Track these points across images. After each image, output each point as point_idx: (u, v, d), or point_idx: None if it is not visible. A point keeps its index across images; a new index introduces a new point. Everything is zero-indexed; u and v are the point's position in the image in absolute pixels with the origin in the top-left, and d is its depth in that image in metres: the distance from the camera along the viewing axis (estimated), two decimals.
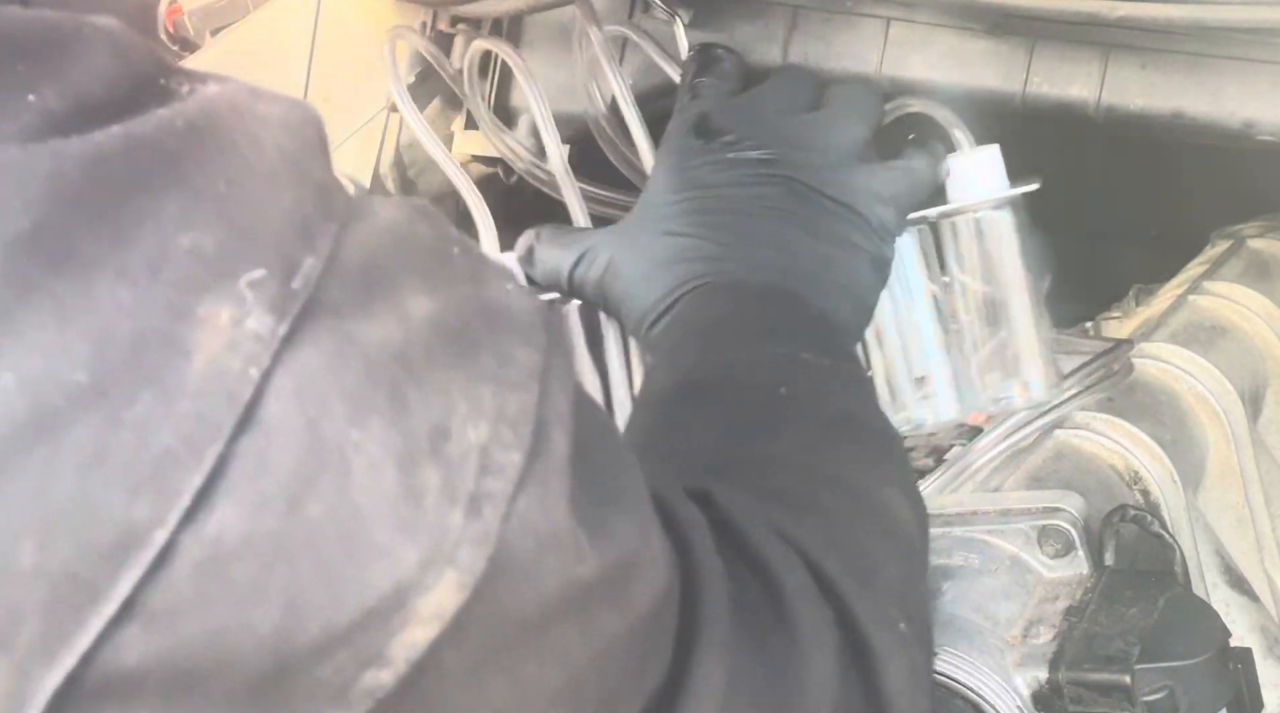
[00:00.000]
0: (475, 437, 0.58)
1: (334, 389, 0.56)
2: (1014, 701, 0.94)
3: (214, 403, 0.54)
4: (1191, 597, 1.01)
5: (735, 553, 0.75)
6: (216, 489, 0.54)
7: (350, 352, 0.56)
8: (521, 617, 0.60)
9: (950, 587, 1.00)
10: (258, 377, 0.54)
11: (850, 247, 1.00)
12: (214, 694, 0.56)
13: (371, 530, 0.56)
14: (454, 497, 0.57)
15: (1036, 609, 0.98)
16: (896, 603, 0.80)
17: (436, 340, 0.59)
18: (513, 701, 0.62)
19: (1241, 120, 1.17)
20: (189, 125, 0.57)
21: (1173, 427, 1.17)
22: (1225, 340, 1.27)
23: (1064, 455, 1.12)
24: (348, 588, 0.56)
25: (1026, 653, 0.95)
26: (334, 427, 0.55)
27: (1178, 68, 1.18)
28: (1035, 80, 1.21)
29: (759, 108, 1.05)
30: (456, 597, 0.58)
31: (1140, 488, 1.11)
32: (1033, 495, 1.05)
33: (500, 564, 0.58)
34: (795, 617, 0.75)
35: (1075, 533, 1.01)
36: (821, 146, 1.02)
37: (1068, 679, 0.93)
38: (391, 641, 0.57)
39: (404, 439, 0.57)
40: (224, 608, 0.55)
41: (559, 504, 0.60)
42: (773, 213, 1.00)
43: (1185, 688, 0.92)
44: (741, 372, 0.91)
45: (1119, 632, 0.94)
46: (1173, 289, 1.36)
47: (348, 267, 0.58)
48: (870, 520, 0.83)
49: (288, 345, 0.55)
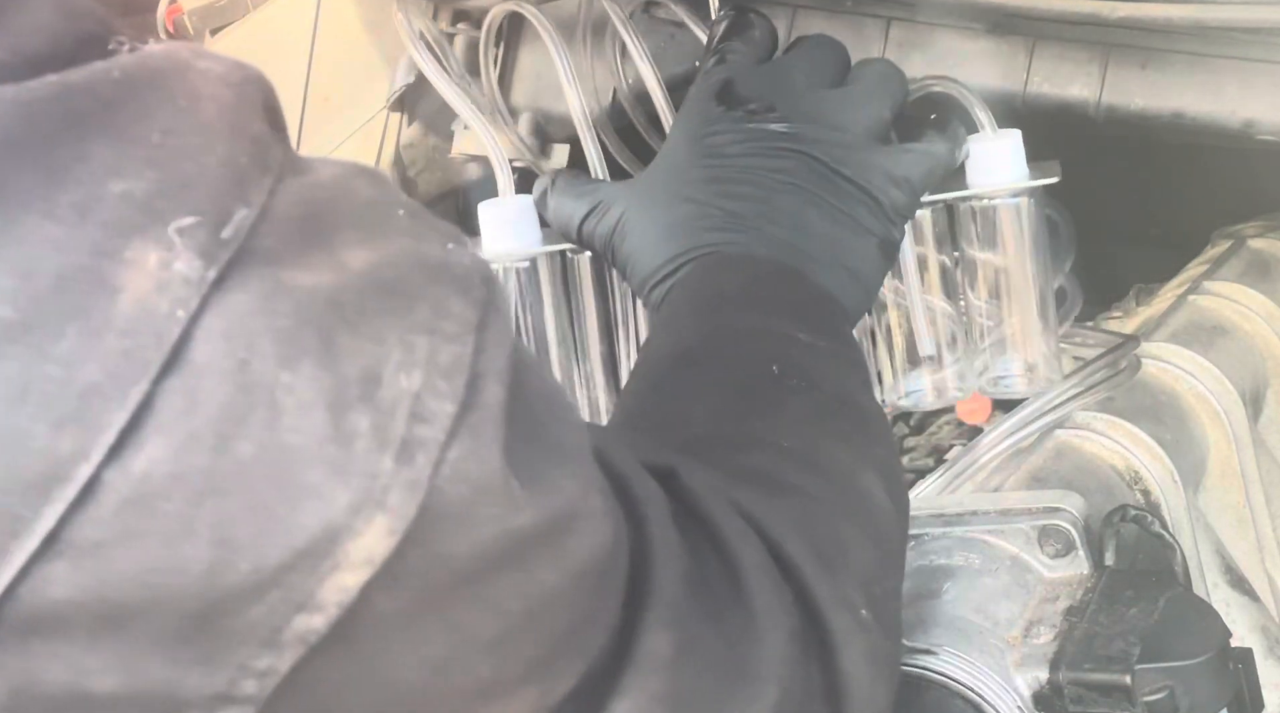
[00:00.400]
0: (408, 384, 0.59)
1: (264, 332, 0.57)
2: (1014, 701, 0.94)
3: (140, 341, 0.55)
4: (1192, 597, 1.01)
5: (696, 529, 0.76)
6: (145, 427, 0.55)
7: (281, 296, 0.57)
8: (457, 566, 0.61)
9: (950, 587, 1.00)
10: (185, 318, 0.56)
11: (861, 228, 1.00)
12: (143, 633, 0.56)
13: (302, 471, 0.57)
14: (385, 441, 0.58)
15: (1037, 609, 0.98)
16: (860, 588, 0.80)
17: (371, 289, 0.59)
18: (449, 649, 0.63)
19: (1241, 120, 1.17)
20: (125, 76, 0.58)
21: (1173, 427, 1.17)
22: (1226, 340, 1.27)
23: (1064, 455, 1.12)
24: (278, 527, 0.57)
25: (1027, 653, 0.95)
26: (264, 368, 0.56)
27: (1178, 68, 1.18)
28: (1035, 80, 1.21)
29: (784, 78, 1.04)
30: (387, 542, 0.58)
31: (1140, 488, 1.11)
32: (1033, 495, 1.05)
33: (432, 512, 0.59)
34: (752, 594, 0.75)
35: (1075, 533, 1.01)
36: (843, 124, 1.02)
37: (1068, 680, 0.93)
38: (323, 584, 0.58)
39: (335, 382, 0.57)
40: (152, 544, 0.55)
41: (493, 454, 0.61)
42: (788, 188, 1.00)
43: (1185, 688, 0.92)
44: (735, 346, 0.92)
45: (1119, 632, 0.94)
46: (1173, 289, 1.36)
47: (282, 218, 0.59)
48: (843, 505, 0.83)
49: (217, 289, 0.56)
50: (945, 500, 1.07)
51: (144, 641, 0.57)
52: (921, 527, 1.04)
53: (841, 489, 0.84)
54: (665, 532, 0.73)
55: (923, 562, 1.03)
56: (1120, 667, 0.92)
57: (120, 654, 0.57)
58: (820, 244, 0.99)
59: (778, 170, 1.00)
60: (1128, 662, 0.92)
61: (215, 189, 0.57)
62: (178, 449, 0.55)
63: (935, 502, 1.07)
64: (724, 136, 1.01)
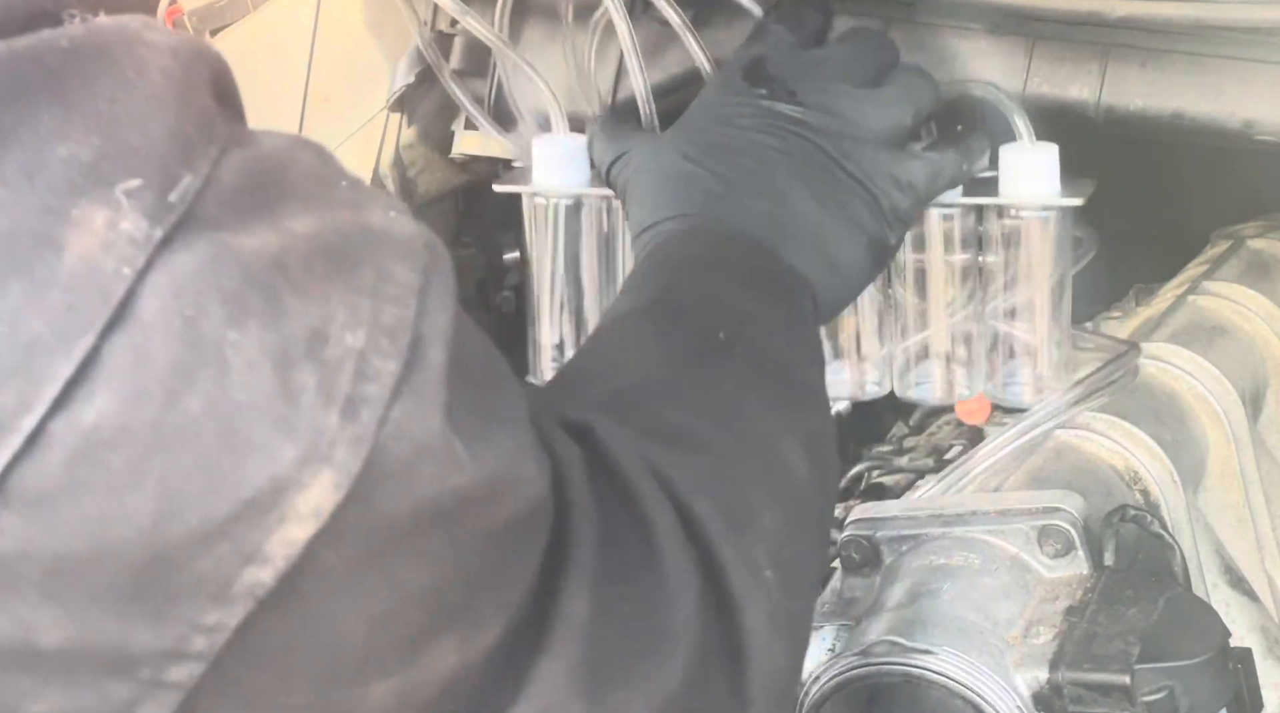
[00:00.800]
0: (352, 342, 0.60)
1: (211, 291, 0.58)
2: (1014, 701, 0.94)
3: (86, 297, 0.56)
4: (1191, 597, 1.01)
5: (609, 488, 0.77)
6: (92, 380, 0.56)
7: (227, 257, 0.59)
8: (398, 522, 0.62)
9: (950, 587, 1.00)
10: (131, 276, 0.57)
11: (852, 224, 1.01)
12: (91, 586, 0.57)
13: (249, 426, 0.58)
14: (330, 398, 0.59)
15: (1036, 609, 0.98)
16: (767, 550, 0.81)
17: (316, 253, 0.61)
18: (388, 603, 0.64)
19: (1241, 120, 1.17)
20: (73, 45, 0.59)
21: (1173, 427, 1.17)
22: (1225, 340, 1.27)
23: (1064, 455, 1.12)
24: (225, 480, 0.58)
25: (1026, 653, 0.95)
26: (211, 325, 0.58)
27: (1178, 68, 1.18)
28: (1035, 80, 1.21)
29: (816, 68, 1.05)
30: (333, 496, 0.59)
31: (1140, 488, 1.11)
32: (1033, 495, 1.05)
33: (377, 467, 0.60)
34: (663, 555, 0.77)
35: (1075, 533, 1.01)
36: (858, 121, 1.03)
37: (1068, 679, 0.93)
38: (270, 538, 0.59)
39: (281, 341, 0.59)
40: (100, 496, 0.56)
41: (435, 414, 0.62)
42: (784, 169, 1.01)
43: (1185, 688, 0.92)
44: (684, 307, 0.93)
45: (1119, 632, 0.94)
46: (1173, 289, 1.36)
47: (227, 187, 0.60)
48: (758, 468, 0.85)
49: (164, 249, 0.58)
50: (945, 501, 1.07)
51: (92, 594, 0.57)
52: (921, 527, 1.04)
53: (757, 452, 0.85)
54: (582, 496, 0.75)
55: (923, 562, 1.03)
56: (1120, 667, 0.92)
57: (68, 607, 0.57)
58: (803, 229, 1.00)
59: (780, 150, 1.01)
60: (1127, 662, 0.92)
61: (161, 155, 0.59)
62: (126, 402, 0.56)
63: (935, 502, 1.07)
64: (738, 109, 1.03)
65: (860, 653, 0.96)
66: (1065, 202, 1.07)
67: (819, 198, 1.00)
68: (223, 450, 0.58)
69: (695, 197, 1.01)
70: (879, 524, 1.05)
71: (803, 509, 0.86)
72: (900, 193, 1.02)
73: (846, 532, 1.06)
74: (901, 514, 1.06)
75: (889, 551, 1.05)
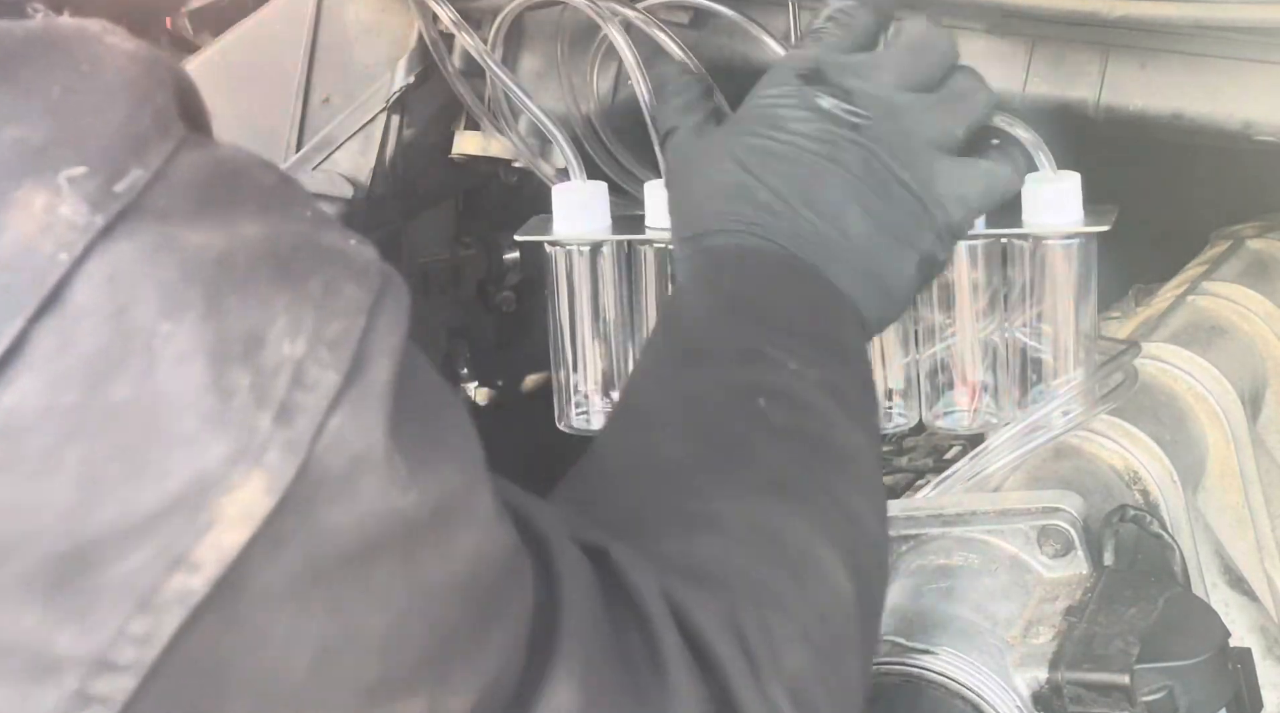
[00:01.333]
0: (290, 351, 0.59)
1: (148, 281, 0.57)
2: (1014, 701, 0.94)
3: (19, 279, 0.56)
4: (1191, 597, 1.01)
5: (622, 607, 0.75)
6: (17, 363, 0.56)
7: (169, 250, 0.58)
8: (340, 540, 0.60)
9: (950, 587, 1.00)
10: (68, 261, 0.56)
11: (904, 240, 0.98)
12: (10, 574, 0.56)
13: (176, 418, 0.57)
14: (264, 400, 0.58)
15: (1036, 609, 0.98)
16: (787, 689, 0.77)
17: (263, 257, 0.60)
18: (334, 637, 0.62)
19: (1241, 120, 1.17)
20: (28, 35, 0.59)
21: (1172, 427, 1.17)
22: (1225, 340, 1.27)
23: (1064, 455, 1.12)
24: (148, 470, 0.57)
25: (1026, 653, 0.95)
26: (144, 315, 0.57)
27: (1178, 68, 1.18)
28: (1035, 80, 1.21)
29: (872, 71, 1.01)
30: (265, 500, 0.58)
31: (1140, 488, 1.11)
32: (1032, 496, 1.05)
33: (313, 477, 0.59)
34: (673, 676, 0.74)
35: (1075, 533, 1.01)
36: (916, 130, 0.99)
37: (1067, 679, 0.93)
38: (199, 541, 0.57)
39: (217, 338, 0.58)
40: (18, 479, 0.56)
41: (376, 427, 0.60)
42: (838, 181, 0.97)
43: (1185, 688, 0.92)
44: (726, 365, 0.90)
45: (1118, 632, 0.94)
46: (1173, 289, 1.36)
47: (180, 182, 0.60)
48: (784, 595, 0.81)
49: (105, 237, 0.57)
50: (945, 500, 1.07)
51: (11, 583, 0.56)
52: (921, 527, 1.04)
53: (790, 575, 0.81)
54: (583, 595, 0.73)
55: (923, 562, 1.03)
56: (1119, 667, 0.92)
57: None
58: (854, 247, 0.96)
59: (834, 159, 0.97)
60: (1127, 662, 0.92)
61: (111, 145, 0.58)
62: (48, 385, 0.56)
63: (935, 502, 1.07)
64: (792, 110, 0.99)
65: None
66: (1089, 229, 1.07)
67: (874, 213, 0.97)
68: (147, 440, 0.57)
69: (745, 211, 0.97)
70: None
71: (840, 633, 0.82)
72: (956, 207, 0.99)
73: None
74: (901, 514, 1.06)
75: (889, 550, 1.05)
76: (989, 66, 1.20)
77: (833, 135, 0.98)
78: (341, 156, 1.40)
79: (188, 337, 0.57)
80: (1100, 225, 1.07)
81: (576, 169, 1.14)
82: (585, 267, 1.14)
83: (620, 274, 1.15)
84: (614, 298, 1.15)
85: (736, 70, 1.23)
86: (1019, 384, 1.11)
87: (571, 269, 1.14)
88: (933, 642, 0.95)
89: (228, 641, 0.59)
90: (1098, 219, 1.07)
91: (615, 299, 1.15)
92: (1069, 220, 1.07)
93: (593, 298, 1.15)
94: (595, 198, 1.14)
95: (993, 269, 1.10)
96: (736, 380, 0.89)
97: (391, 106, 1.38)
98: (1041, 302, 1.09)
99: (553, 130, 1.16)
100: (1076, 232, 1.07)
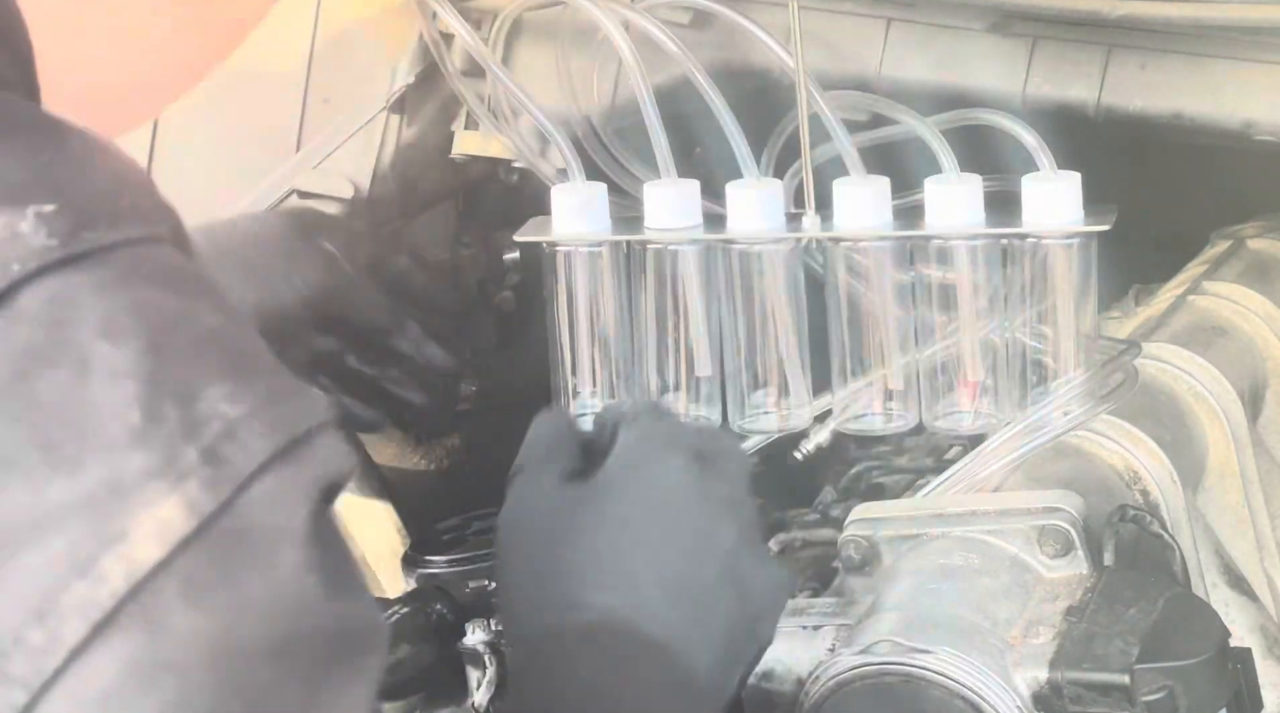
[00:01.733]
0: (228, 410, 0.58)
1: (94, 310, 0.57)
2: (1014, 701, 0.94)
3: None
4: (1191, 597, 1.01)
5: None
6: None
7: (122, 290, 0.58)
8: (255, 617, 0.56)
9: (950, 587, 1.00)
10: (19, 272, 0.56)
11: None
12: None
13: (100, 424, 0.56)
14: (190, 436, 0.56)
15: (1036, 609, 0.98)
16: None
17: (219, 341, 0.59)
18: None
19: (1241, 120, 1.18)
20: (35, 113, 0.61)
21: (1172, 427, 1.17)
22: (1225, 341, 1.27)
23: (1064, 455, 1.12)
24: (62, 464, 0.55)
25: (1026, 653, 0.95)
26: (83, 334, 0.57)
27: (1178, 68, 1.18)
28: (1035, 80, 1.21)
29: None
30: (182, 523, 0.55)
31: (1140, 488, 1.11)
32: (1032, 495, 1.05)
33: (233, 523, 0.56)
34: None
35: (1075, 533, 1.01)
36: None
37: (1067, 679, 0.93)
38: (108, 551, 0.55)
39: (154, 370, 0.57)
40: None
41: (301, 509, 0.58)
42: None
43: (1185, 688, 0.92)
44: None
45: (1118, 632, 0.94)
46: (1173, 289, 1.36)
47: (146, 257, 0.59)
48: None
49: (61, 265, 0.57)
50: (945, 500, 1.07)
51: None
52: (921, 527, 1.04)
53: None
54: None
55: (923, 562, 1.03)
56: (1119, 667, 0.92)
57: None
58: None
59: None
60: (1127, 662, 0.92)
61: (90, 205, 0.59)
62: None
63: (935, 502, 1.07)
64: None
65: (860, 653, 0.96)
66: (1089, 228, 1.07)
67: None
68: (65, 436, 0.55)
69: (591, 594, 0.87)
70: (879, 524, 1.05)
71: None
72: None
73: (846, 532, 1.06)
74: (901, 514, 1.06)
75: (889, 551, 1.05)
76: (989, 66, 1.20)
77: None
78: (341, 156, 1.40)
79: (124, 361, 0.56)
80: (1100, 225, 1.07)
81: (576, 169, 1.14)
82: (584, 267, 1.14)
83: (619, 275, 1.15)
84: (613, 299, 1.15)
85: (736, 70, 1.23)
86: (1019, 384, 1.11)
87: (571, 270, 1.14)
88: (933, 642, 0.95)
89: (117, 671, 0.55)
90: (1097, 219, 1.08)
91: (614, 300, 1.15)
92: (1069, 220, 1.08)
93: (592, 299, 1.15)
94: (595, 198, 1.14)
95: (993, 269, 1.10)
96: None
97: (391, 106, 1.38)
98: (1041, 302, 1.09)
99: (552, 130, 1.16)
100: (1076, 231, 1.07)
